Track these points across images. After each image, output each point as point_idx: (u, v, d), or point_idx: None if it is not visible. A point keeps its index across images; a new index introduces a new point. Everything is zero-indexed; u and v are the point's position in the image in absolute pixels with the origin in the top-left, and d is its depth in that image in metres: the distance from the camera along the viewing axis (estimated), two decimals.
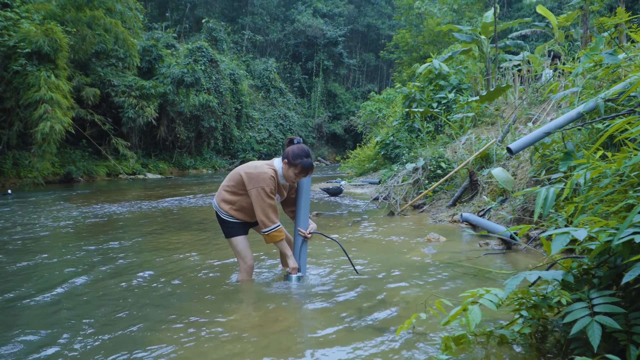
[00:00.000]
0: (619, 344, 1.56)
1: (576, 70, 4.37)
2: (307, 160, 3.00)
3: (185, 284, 3.34)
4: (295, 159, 2.99)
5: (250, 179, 3.01)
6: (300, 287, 3.11)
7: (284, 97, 37.39)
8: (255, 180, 2.99)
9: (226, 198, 3.14)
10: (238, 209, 3.13)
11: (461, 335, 1.94)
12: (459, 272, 3.30)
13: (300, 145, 3.07)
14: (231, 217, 3.14)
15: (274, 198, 3.02)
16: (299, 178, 3.07)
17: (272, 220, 3.00)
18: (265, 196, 2.97)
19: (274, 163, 3.10)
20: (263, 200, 2.97)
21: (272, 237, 3.03)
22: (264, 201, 2.97)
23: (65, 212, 7.94)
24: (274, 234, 3.02)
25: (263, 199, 2.97)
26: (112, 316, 2.69)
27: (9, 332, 2.49)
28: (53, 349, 2.25)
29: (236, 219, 3.16)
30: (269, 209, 2.99)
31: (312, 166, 3.05)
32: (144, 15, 26.04)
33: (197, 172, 24.51)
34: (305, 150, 3.02)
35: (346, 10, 47.33)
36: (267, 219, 2.99)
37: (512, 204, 4.88)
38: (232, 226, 3.16)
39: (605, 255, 1.80)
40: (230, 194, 3.13)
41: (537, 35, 24.44)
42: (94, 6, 16.55)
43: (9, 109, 14.77)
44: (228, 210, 3.13)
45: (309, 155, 3.03)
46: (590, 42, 7.89)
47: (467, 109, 8.68)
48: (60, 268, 3.95)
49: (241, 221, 3.18)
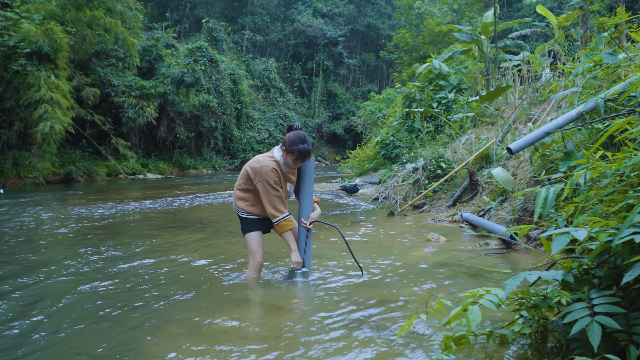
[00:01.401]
0: (619, 344, 1.56)
1: (576, 70, 4.37)
2: (303, 146, 3.04)
3: (185, 283, 3.34)
4: (291, 146, 3.04)
5: (255, 173, 3.09)
6: (303, 285, 3.11)
7: (284, 97, 37.39)
8: (259, 174, 3.07)
9: (240, 196, 3.24)
10: (253, 204, 3.22)
11: (461, 336, 1.94)
12: (459, 272, 3.30)
13: (297, 132, 3.11)
14: (248, 213, 3.23)
15: (279, 189, 3.08)
16: (298, 164, 3.11)
17: (280, 210, 3.08)
18: (270, 188, 3.05)
19: (274, 152, 3.16)
20: (268, 192, 3.05)
21: (282, 226, 3.10)
22: (269, 193, 3.05)
23: (65, 212, 7.94)
24: (283, 223, 3.09)
25: (268, 191, 3.05)
26: (111, 316, 2.69)
27: (11, 332, 2.49)
28: (49, 347, 2.25)
29: (254, 215, 3.23)
30: (276, 200, 3.07)
31: (309, 151, 3.09)
32: (144, 15, 26.03)
33: (197, 172, 24.51)
34: (301, 137, 3.06)
35: (346, 10, 47.32)
36: (275, 210, 3.07)
37: (512, 204, 4.88)
38: (249, 222, 3.24)
39: (605, 255, 1.80)
40: (243, 192, 3.23)
41: (537, 35, 24.43)
42: (94, 6, 16.54)
43: (9, 109, 14.77)
44: (244, 207, 3.22)
45: (305, 141, 3.07)
46: (590, 42, 7.89)
47: (467, 109, 8.68)
48: (59, 268, 3.95)
49: (259, 217, 3.25)
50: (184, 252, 4.47)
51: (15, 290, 3.32)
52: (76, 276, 3.64)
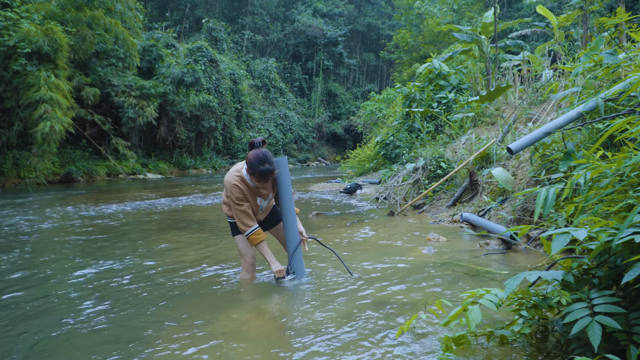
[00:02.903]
0: (619, 344, 1.56)
1: (576, 70, 4.37)
2: (264, 167, 2.88)
3: (184, 283, 3.34)
4: (252, 169, 2.92)
5: (225, 186, 3.15)
6: (300, 286, 3.11)
7: (284, 97, 37.39)
8: (226, 188, 3.14)
9: (225, 201, 3.31)
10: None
11: (461, 336, 1.94)
12: (459, 272, 3.30)
13: (257, 151, 2.92)
14: (232, 218, 3.28)
15: (242, 204, 3.05)
16: (264, 183, 2.99)
17: (247, 224, 3.08)
18: (233, 204, 3.07)
19: (243, 166, 3.07)
20: (234, 207, 3.08)
21: (252, 240, 3.11)
22: (235, 208, 3.08)
23: (64, 212, 7.94)
24: (252, 237, 3.09)
25: (234, 206, 3.08)
26: (110, 315, 2.69)
27: (13, 331, 2.49)
28: (53, 348, 2.25)
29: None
30: (241, 215, 3.07)
31: (271, 171, 2.92)
32: (144, 15, 26.03)
33: (197, 172, 24.50)
34: (260, 157, 2.88)
35: (346, 10, 47.32)
36: (242, 224, 3.09)
37: (512, 204, 4.88)
38: (234, 226, 3.28)
39: (605, 255, 1.80)
40: (226, 197, 3.28)
41: (537, 35, 24.43)
42: (94, 6, 16.55)
43: (9, 109, 14.77)
44: (227, 212, 3.30)
45: (266, 161, 2.88)
46: (590, 42, 7.89)
47: (467, 109, 8.68)
48: (58, 267, 3.95)
49: None
50: (184, 252, 4.47)
51: (16, 290, 3.32)
52: (75, 276, 3.64)
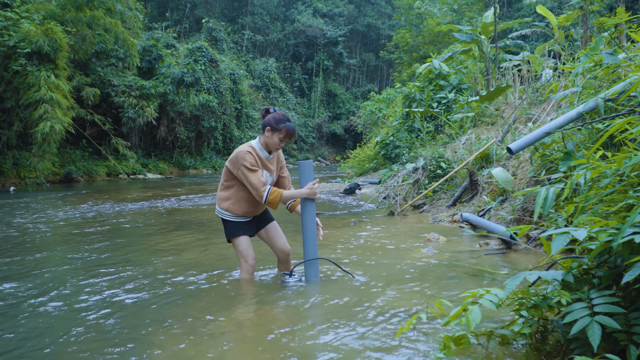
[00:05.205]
0: (619, 344, 1.56)
1: (576, 70, 4.37)
2: (290, 124, 3.08)
3: (184, 283, 3.34)
4: (278, 124, 3.04)
5: (233, 163, 3.08)
6: (300, 286, 3.11)
7: (284, 97, 37.39)
8: (235, 162, 3.06)
9: (223, 196, 3.17)
10: (236, 200, 3.12)
11: (461, 336, 1.94)
12: (459, 272, 3.30)
13: (279, 111, 3.13)
14: (233, 214, 3.14)
15: (256, 169, 3.02)
16: (284, 143, 3.09)
17: (262, 189, 2.99)
18: (247, 171, 3.00)
19: (251, 142, 3.16)
20: (247, 176, 3.00)
21: (272, 203, 3.01)
22: (248, 177, 3.00)
23: (64, 212, 7.94)
24: (271, 198, 3.00)
25: (247, 175, 3.00)
26: (110, 315, 2.69)
27: (12, 330, 2.49)
28: (52, 347, 2.25)
29: (238, 216, 3.14)
30: (255, 181, 2.99)
31: (295, 131, 3.13)
32: (144, 15, 26.02)
33: (197, 172, 24.50)
34: (285, 116, 3.11)
35: (346, 10, 47.32)
36: (258, 189, 2.99)
37: (512, 204, 4.88)
38: (233, 225, 3.15)
39: (605, 255, 1.79)
40: (225, 189, 3.17)
41: (537, 35, 24.42)
42: (94, 6, 16.55)
43: (9, 109, 14.77)
44: (228, 207, 3.13)
45: (290, 120, 3.11)
46: (590, 42, 7.89)
47: (467, 109, 8.67)
48: (58, 267, 3.95)
49: (243, 218, 3.17)
50: (183, 252, 4.47)
51: (16, 290, 3.32)
52: (74, 276, 3.64)
